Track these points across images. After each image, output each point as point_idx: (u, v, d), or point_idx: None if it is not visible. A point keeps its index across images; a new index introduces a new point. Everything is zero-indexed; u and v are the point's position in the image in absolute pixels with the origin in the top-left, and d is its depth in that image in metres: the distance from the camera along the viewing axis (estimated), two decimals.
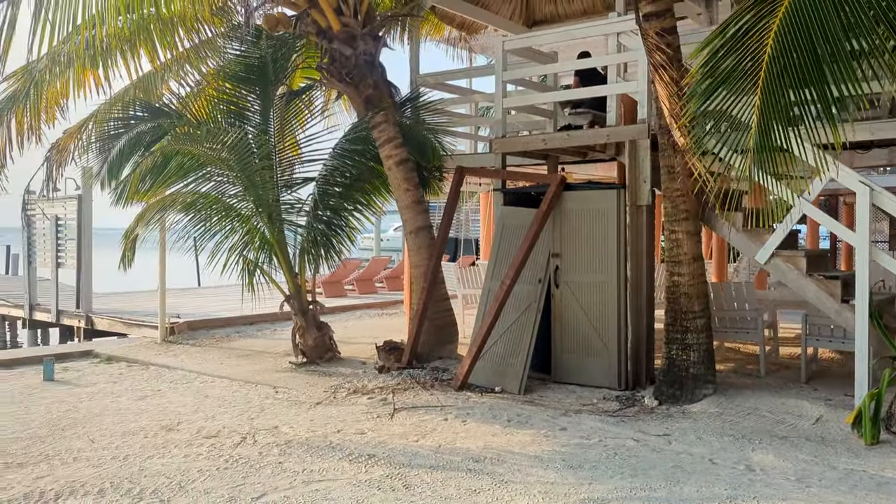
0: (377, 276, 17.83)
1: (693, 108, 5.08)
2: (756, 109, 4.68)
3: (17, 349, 14.36)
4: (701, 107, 4.99)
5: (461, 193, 9.18)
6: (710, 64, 4.95)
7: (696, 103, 5.05)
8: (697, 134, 5.44)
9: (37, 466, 5.02)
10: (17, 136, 8.48)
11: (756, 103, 4.69)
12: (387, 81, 8.78)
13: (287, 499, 4.44)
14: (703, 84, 4.96)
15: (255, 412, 6.56)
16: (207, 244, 8.60)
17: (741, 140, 4.92)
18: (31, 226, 13.66)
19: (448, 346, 8.72)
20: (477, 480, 4.76)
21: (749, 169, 4.88)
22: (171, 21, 8.14)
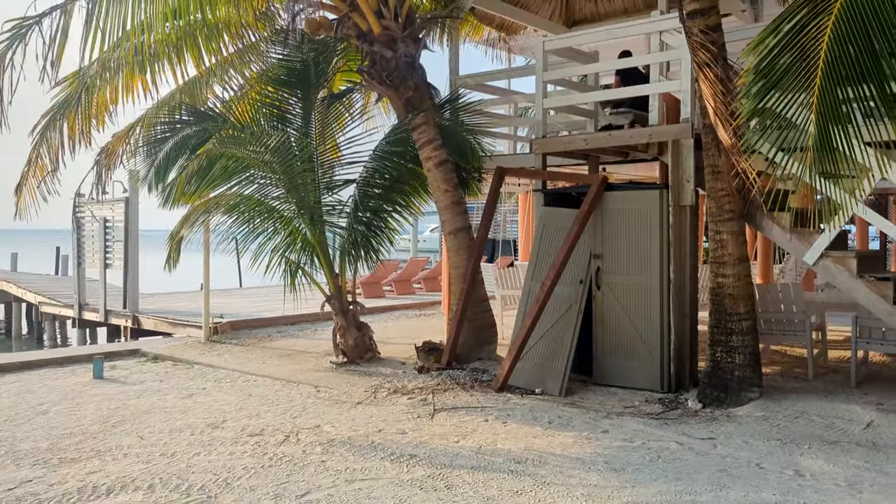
0: (415, 276, 17.90)
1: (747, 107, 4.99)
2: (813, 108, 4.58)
3: (67, 348, 14.78)
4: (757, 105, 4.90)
5: (500, 194, 9.15)
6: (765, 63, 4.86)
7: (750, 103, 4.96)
8: (749, 135, 5.35)
9: (89, 462, 5.15)
10: (68, 140, 8.72)
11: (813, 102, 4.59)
12: (427, 83, 8.81)
13: (330, 497, 4.48)
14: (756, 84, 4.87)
15: (298, 411, 6.64)
16: (250, 246, 8.72)
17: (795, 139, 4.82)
18: (80, 228, 14.03)
19: (487, 347, 8.71)
20: (519, 482, 4.75)
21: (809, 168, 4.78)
22: (217, 26, 8.30)
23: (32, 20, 7.83)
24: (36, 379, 8.16)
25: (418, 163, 8.77)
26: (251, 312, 12.75)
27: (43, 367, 8.80)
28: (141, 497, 4.47)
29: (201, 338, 10.78)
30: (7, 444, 5.58)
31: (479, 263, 8.63)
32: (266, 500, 4.43)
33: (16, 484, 4.68)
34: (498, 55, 12.45)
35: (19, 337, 20.03)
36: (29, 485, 4.67)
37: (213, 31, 8.27)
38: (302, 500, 4.44)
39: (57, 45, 7.64)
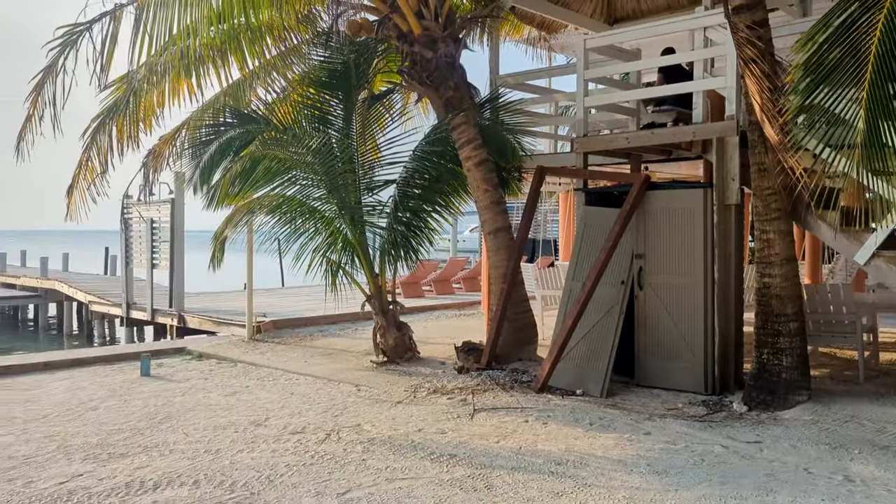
0: (454, 276, 17.91)
1: (795, 103, 4.88)
2: (863, 104, 4.46)
3: (116, 346, 15.15)
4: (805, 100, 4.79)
5: (540, 193, 9.10)
6: (814, 58, 4.75)
7: (798, 99, 4.85)
8: (796, 131, 5.23)
9: (136, 457, 5.27)
10: (117, 143, 8.94)
11: (862, 97, 4.47)
12: (467, 83, 8.81)
13: (371, 496, 4.51)
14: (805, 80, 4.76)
15: (339, 410, 6.69)
16: (292, 246, 8.82)
17: (844, 135, 4.70)
18: (128, 229, 14.38)
19: (527, 347, 8.67)
20: (559, 483, 4.71)
21: (858, 165, 4.65)
22: (260, 30, 8.42)
23: (83, 26, 8.05)
24: (86, 376, 8.38)
25: (458, 163, 8.77)
26: (293, 312, 12.91)
27: (93, 365, 9.03)
28: (186, 493, 4.56)
29: (244, 336, 10.95)
30: (59, 438, 5.74)
31: (519, 263, 8.59)
32: (308, 498, 4.47)
33: (67, 478, 4.81)
34: (538, 54, 12.38)
35: (70, 335, 20.62)
36: (80, 479, 4.80)
37: (256, 35, 8.40)
38: (343, 498, 4.48)
39: (106, 50, 7.85)
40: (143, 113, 8.82)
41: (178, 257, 13.15)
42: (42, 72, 8.31)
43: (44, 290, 21.54)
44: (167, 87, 8.57)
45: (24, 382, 7.96)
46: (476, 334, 9.65)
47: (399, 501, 4.42)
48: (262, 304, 13.26)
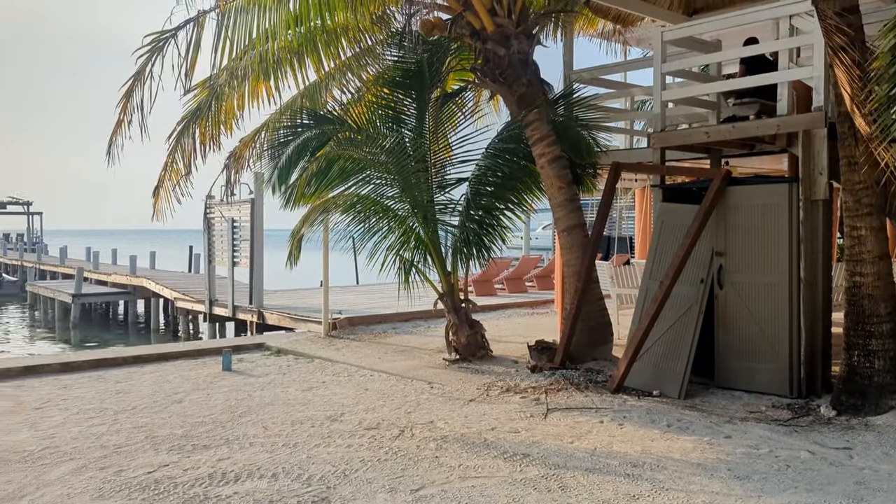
0: (527, 274, 17.79)
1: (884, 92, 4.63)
2: None
3: (199, 341, 15.72)
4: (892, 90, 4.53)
5: (616, 190, 8.93)
6: None
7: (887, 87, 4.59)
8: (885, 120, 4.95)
9: (219, 449, 5.45)
10: (200, 145, 9.28)
11: None
12: (540, 79, 8.73)
13: (444, 493, 4.52)
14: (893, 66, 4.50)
15: (412, 406, 6.75)
16: (366, 244, 8.95)
17: None
18: (210, 228, 14.90)
19: (602, 347, 8.53)
20: (635, 486, 4.61)
21: None
22: (335, 32, 8.59)
23: (169, 33, 8.39)
24: (172, 369, 8.72)
25: (531, 160, 8.70)
26: (367, 309, 13.09)
27: (178, 359, 9.39)
28: (265, 485, 4.68)
29: (321, 333, 11.17)
30: (147, 430, 6.00)
31: (593, 261, 8.46)
32: (382, 493, 4.52)
33: (154, 467, 5.02)
34: (613, 48, 12.15)
35: (157, 330, 21.54)
36: (166, 469, 4.99)
37: (332, 37, 8.57)
38: (416, 494, 4.51)
39: (190, 55, 8.16)
40: (225, 116, 9.12)
41: (258, 255, 13.54)
42: (131, 78, 8.70)
43: (133, 287, 22.59)
44: (247, 90, 8.84)
45: (116, 375, 8.35)
46: (549, 333, 9.56)
47: (472, 499, 4.41)
48: (338, 302, 13.50)
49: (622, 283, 10.33)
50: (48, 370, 8.47)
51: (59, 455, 5.28)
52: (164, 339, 20.38)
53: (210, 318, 15.39)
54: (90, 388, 7.65)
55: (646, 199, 13.21)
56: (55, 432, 5.90)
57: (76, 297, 22.13)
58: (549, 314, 13.48)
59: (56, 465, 5.07)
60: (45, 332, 22.50)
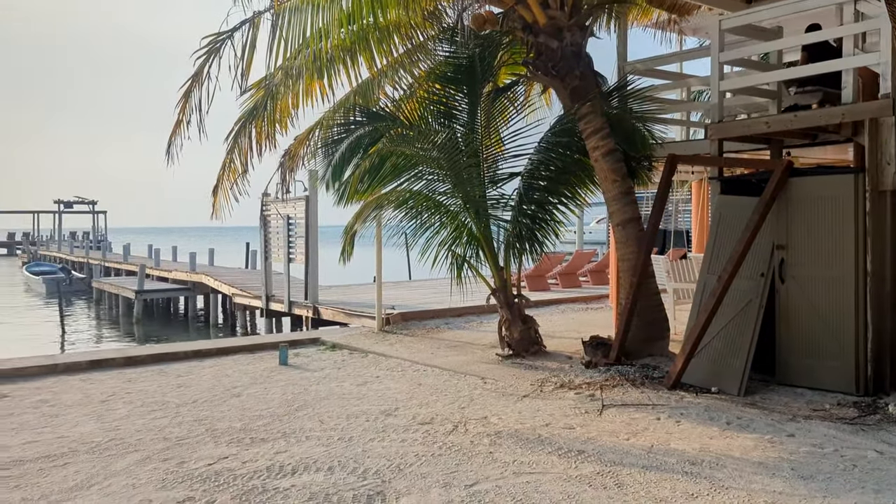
0: (581, 269, 17.61)
1: None
2: None
3: (256, 336, 16.06)
4: None
5: (672, 183, 8.75)
6: None
7: None
8: None
9: (276, 442, 5.55)
10: (256, 144, 9.45)
11: None
12: (593, 71, 8.62)
13: (499, 488, 4.51)
14: None
15: (465, 402, 6.75)
16: (418, 240, 8.99)
17: None
18: (266, 225, 15.19)
19: (658, 342, 8.39)
20: (694, 484, 4.52)
21: None
22: (387, 29, 8.63)
23: (225, 35, 8.56)
24: (230, 363, 8.92)
25: (585, 153, 8.60)
26: (420, 304, 13.15)
27: (236, 354, 9.60)
28: (322, 478, 4.74)
29: (374, 328, 11.27)
30: (207, 422, 6.15)
31: (649, 255, 8.32)
32: (436, 488, 4.54)
33: (215, 460, 5.14)
34: (667, 38, 11.91)
35: (216, 325, 22.08)
36: (225, 461, 5.11)
37: (384, 34, 8.62)
38: (471, 489, 4.50)
39: (246, 56, 8.32)
40: (280, 114, 9.26)
41: (313, 252, 13.74)
42: (190, 79, 8.92)
43: (192, 284, 23.20)
44: (301, 89, 8.96)
45: (177, 369, 8.58)
46: (604, 329, 9.46)
47: (527, 495, 4.39)
48: (391, 297, 13.60)
49: (679, 277, 10.13)
50: (113, 364, 8.76)
51: (124, 446, 5.46)
52: (222, 333, 20.88)
53: (267, 314, 15.69)
54: (153, 381, 7.89)
55: (703, 192, 12.92)
56: (120, 424, 6.10)
57: (139, 293, 22.85)
58: (603, 309, 13.32)
59: (121, 456, 5.24)
60: (109, 327, 23.30)
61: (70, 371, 8.36)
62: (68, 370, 8.39)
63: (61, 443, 5.56)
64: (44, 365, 8.42)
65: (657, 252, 14.75)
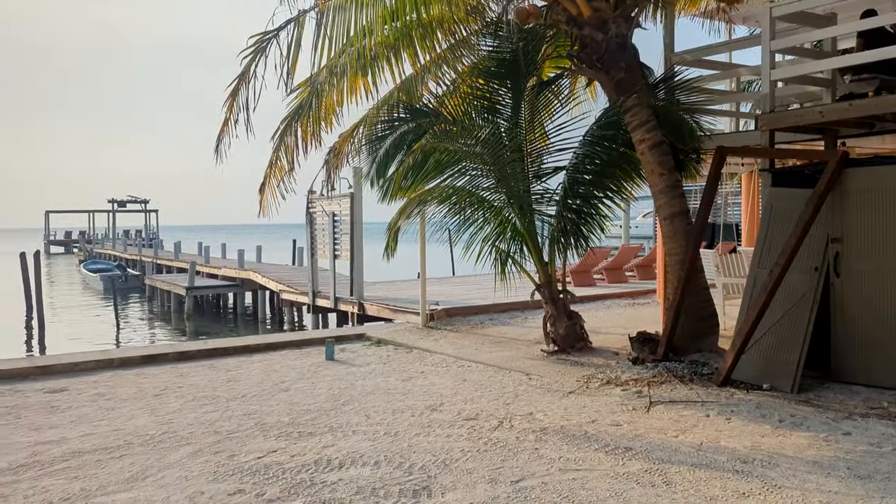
0: (627, 264, 17.40)
1: None
2: None
3: (303, 331, 16.29)
4: None
5: (721, 175, 8.57)
6: None
7: None
8: None
9: (323, 437, 5.61)
10: (302, 142, 9.56)
11: None
12: (639, 63, 8.48)
13: (545, 485, 4.48)
14: None
15: (510, 398, 6.73)
16: (462, 235, 8.98)
17: None
18: (312, 222, 15.37)
19: (707, 338, 8.23)
20: (745, 483, 4.43)
21: None
22: (431, 25, 8.63)
23: (271, 34, 8.68)
24: (278, 359, 9.05)
25: (631, 146, 8.48)
26: (463, 300, 13.16)
27: (284, 349, 9.74)
28: (368, 472, 4.78)
29: (419, 324, 11.32)
30: (256, 416, 6.25)
31: (698, 249, 8.16)
32: (482, 484, 4.53)
33: (264, 453, 5.22)
34: (716, 28, 11.64)
35: (264, 321, 22.46)
36: (274, 454, 5.19)
37: (427, 30, 8.62)
38: (517, 486, 4.49)
39: (292, 54, 8.42)
40: (325, 112, 9.34)
41: (358, 248, 13.85)
42: (237, 78, 9.06)
43: (241, 280, 23.63)
44: (345, 86, 9.03)
45: (227, 364, 8.75)
46: (651, 324, 9.32)
47: (573, 493, 4.36)
48: (434, 293, 13.63)
49: (728, 271, 9.93)
50: (165, 359, 8.97)
51: (176, 439, 5.59)
52: (270, 329, 21.23)
53: (313, 310, 15.89)
54: (203, 376, 8.06)
55: (753, 185, 12.63)
56: (173, 418, 6.25)
57: (189, 289, 23.37)
58: (650, 305, 13.14)
59: (174, 448, 5.36)
60: (161, 323, 23.89)
61: (125, 366, 8.60)
62: (123, 365, 8.63)
63: (117, 435, 5.72)
64: (100, 360, 8.67)
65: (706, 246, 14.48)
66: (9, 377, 7.92)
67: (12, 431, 5.88)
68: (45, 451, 5.35)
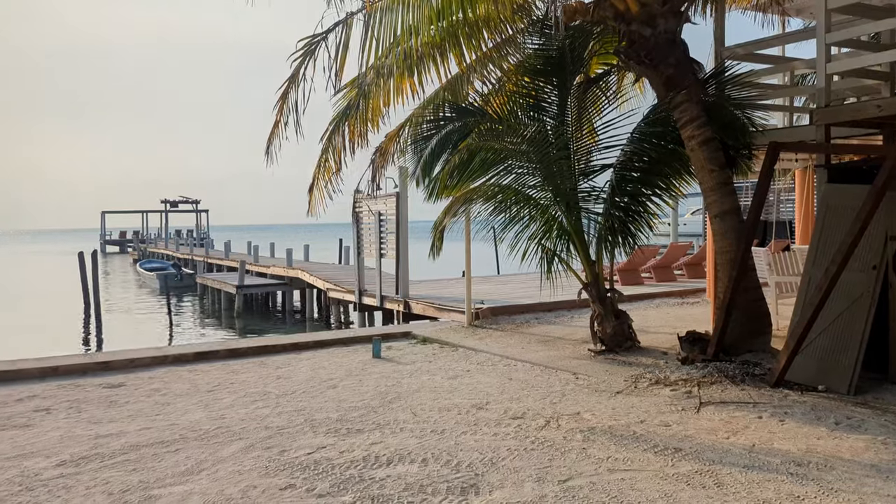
0: (676, 262, 17.14)
1: None
2: None
3: (350, 329, 16.46)
4: None
5: (773, 172, 8.37)
6: None
7: None
8: None
9: (371, 433, 5.68)
10: (349, 142, 9.66)
11: None
12: (689, 58, 8.34)
13: (593, 485, 4.46)
14: None
15: (557, 397, 6.70)
16: (507, 234, 8.96)
17: None
18: (359, 221, 15.53)
19: (759, 338, 8.06)
20: (800, 486, 4.33)
21: None
22: (477, 24, 8.64)
23: (320, 36, 8.79)
24: (326, 356, 9.18)
25: (680, 143, 8.34)
26: (509, 299, 13.14)
27: (331, 347, 9.87)
28: (416, 469, 4.82)
29: (464, 322, 11.34)
30: (306, 413, 6.36)
31: (750, 248, 7.99)
32: (529, 483, 4.53)
33: (314, 449, 5.31)
34: (769, 21, 11.37)
35: (311, 319, 22.77)
36: (324, 450, 5.27)
37: (473, 29, 8.63)
38: (565, 485, 4.47)
39: (339, 56, 8.52)
40: (371, 113, 9.43)
41: (403, 247, 13.94)
42: (286, 81, 9.21)
43: (289, 279, 24.00)
44: (392, 87, 9.09)
45: (276, 361, 8.91)
46: (700, 324, 9.18)
47: (622, 492, 4.33)
48: (479, 292, 13.63)
49: (781, 270, 9.71)
50: (217, 356, 9.18)
51: (229, 434, 5.72)
52: (318, 327, 21.51)
53: (359, 308, 16.05)
54: (254, 372, 8.22)
55: (808, 181, 12.31)
56: (225, 413, 6.39)
57: (239, 288, 23.82)
58: (699, 304, 12.93)
59: (227, 443, 5.49)
60: (212, 321, 24.41)
61: (178, 362, 8.82)
62: (177, 361, 8.86)
63: (172, 430, 5.88)
64: (155, 356, 8.92)
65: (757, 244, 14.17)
66: (70, 372, 8.20)
67: (74, 425, 6.10)
68: (105, 443, 5.54)
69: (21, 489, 4.63)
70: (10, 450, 5.45)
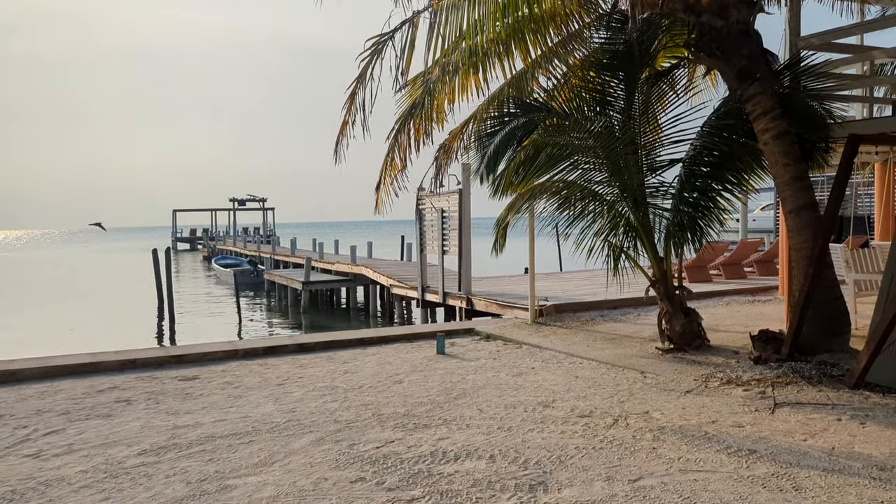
0: (746, 259, 16.66)
1: None
2: None
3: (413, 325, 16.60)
4: None
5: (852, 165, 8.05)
6: None
7: None
8: None
9: (438, 429, 5.71)
10: (414, 140, 9.74)
11: None
12: (762, 49, 8.08)
13: (664, 485, 4.38)
14: None
15: (625, 395, 6.61)
16: (572, 230, 8.87)
17: None
18: (422, 218, 15.63)
19: (837, 337, 7.77)
20: (884, 491, 4.16)
21: None
22: (542, 19, 8.58)
23: (387, 36, 8.90)
24: (391, 352, 9.28)
25: (752, 136, 8.10)
26: (573, 296, 13.01)
27: (396, 342, 9.97)
28: (484, 465, 4.83)
29: (527, 319, 11.29)
30: (373, 407, 6.44)
31: (826, 244, 7.72)
32: (599, 481, 4.49)
33: (382, 443, 5.38)
34: (848, 9, 10.92)
35: (375, 315, 23.05)
36: (392, 445, 5.33)
37: (538, 24, 8.58)
38: (635, 485, 4.41)
39: (405, 55, 8.60)
40: (436, 110, 9.48)
41: (466, 244, 13.97)
42: (355, 81, 9.35)
43: (353, 275, 24.36)
44: (457, 84, 9.12)
45: (343, 356, 9.05)
46: (773, 322, 8.91)
47: (695, 494, 4.24)
48: (542, 289, 13.55)
49: (860, 267, 9.34)
50: (286, 350, 9.39)
51: (300, 427, 5.84)
52: (381, 323, 21.77)
53: (422, 304, 16.16)
54: (322, 367, 8.37)
55: (889, 174, 11.80)
56: (295, 406, 6.53)
57: (305, 284, 24.30)
58: (772, 302, 12.54)
59: (298, 436, 5.61)
60: (279, 316, 24.97)
61: (249, 356, 9.06)
62: (247, 355, 9.10)
63: (245, 422, 6.05)
64: (227, 350, 9.18)
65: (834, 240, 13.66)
66: (147, 365, 8.53)
67: (153, 416, 6.34)
68: (182, 434, 5.74)
69: (106, 476, 4.84)
70: (94, 438, 5.70)
